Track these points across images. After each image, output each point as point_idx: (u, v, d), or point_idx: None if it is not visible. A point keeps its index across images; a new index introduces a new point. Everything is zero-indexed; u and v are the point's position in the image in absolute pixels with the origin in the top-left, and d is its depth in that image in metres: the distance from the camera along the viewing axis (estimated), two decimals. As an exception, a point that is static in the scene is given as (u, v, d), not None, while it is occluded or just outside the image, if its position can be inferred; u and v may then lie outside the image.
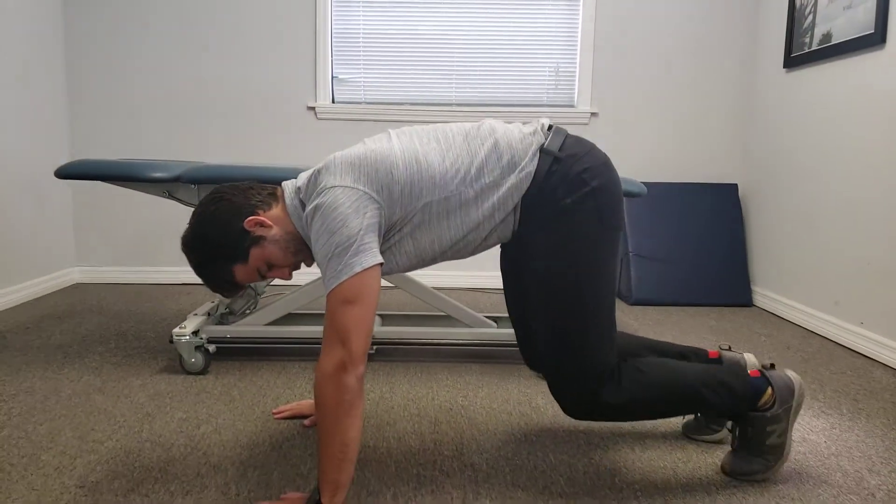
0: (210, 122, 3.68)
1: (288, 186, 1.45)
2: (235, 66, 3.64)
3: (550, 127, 1.47)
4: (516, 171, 1.39)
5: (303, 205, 1.40)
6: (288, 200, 1.42)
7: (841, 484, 1.55)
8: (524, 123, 1.49)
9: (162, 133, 3.68)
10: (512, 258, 1.66)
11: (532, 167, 1.39)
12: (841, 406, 2.05)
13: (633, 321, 3.09)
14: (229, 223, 1.38)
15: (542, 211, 1.40)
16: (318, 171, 1.37)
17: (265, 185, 1.47)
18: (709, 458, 1.67)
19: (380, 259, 1.29)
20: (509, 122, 1.50)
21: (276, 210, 1.42)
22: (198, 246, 1.40)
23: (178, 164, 2.21)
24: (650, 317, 3.19)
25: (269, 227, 1.40)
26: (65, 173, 2.11)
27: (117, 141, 3.67)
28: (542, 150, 1.41)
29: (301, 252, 1.45)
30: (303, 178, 1.43)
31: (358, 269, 1.25)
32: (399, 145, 1.38)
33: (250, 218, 1.38)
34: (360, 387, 1.26)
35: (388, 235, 1.39)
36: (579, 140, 1.47)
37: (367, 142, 1.42)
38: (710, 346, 2.70)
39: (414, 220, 1.38)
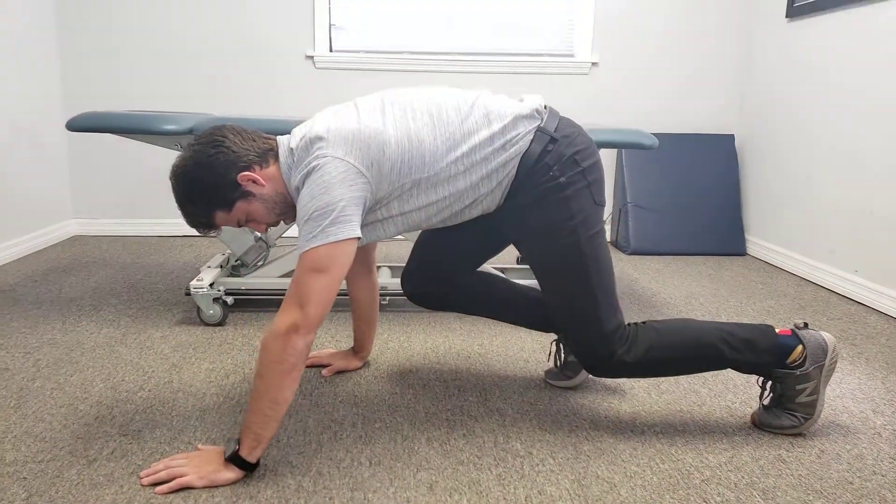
0: (207, 72, 3.61)
1: (283, 144, 1.45)
2: (233, 15, 3.56)
3: (545, 107, 1.51)
4: (509, 151, 1.43)
5: (294, 167, 1.40)
6: (282, 159, 1.43)
7: (848, 424, 1.64)
8: (520, 101, 1.51)
9: (159, 83, 3.61)
10: (491, 223, 1.62)
11: (525, 145, 1.43)
12: (841, 351, 2.14)
13: (632, 271, 3.16)
14: (224, 173, 1.37)
15: (538, 189, 1.45)
16: (311, 140, 1.36)
17: (267, 137, 1.46)
18: (721, 402, 1.75)
19: (358, 234, 1.31)
20: (500, 97, 1.50)
21: (271, 168, 1.43)
22: (186, 185, 1.39)
23: (188, 116, 2.19)
24: (649, 266, 3.26)
25: (262, 185, 1.40)
26: (76, 126, 2.08)
27: (112, 92, 3.59)
28: (540, 130, 1.45)
29: (284, 214, 1.48)
30: (296, 136, 1.42)
31: (333, 238, 1.27)
32: (392, 122, 1.39)
33: (246, 173, 1.38)
34: (306, 353, 1.29)
35: (374, 208, 1.42)
36: (570, 121, 1.53)
37: (360, 111, 1.40)
38: (710, 293, 2.77)
39: (403, 194, 1.41)
